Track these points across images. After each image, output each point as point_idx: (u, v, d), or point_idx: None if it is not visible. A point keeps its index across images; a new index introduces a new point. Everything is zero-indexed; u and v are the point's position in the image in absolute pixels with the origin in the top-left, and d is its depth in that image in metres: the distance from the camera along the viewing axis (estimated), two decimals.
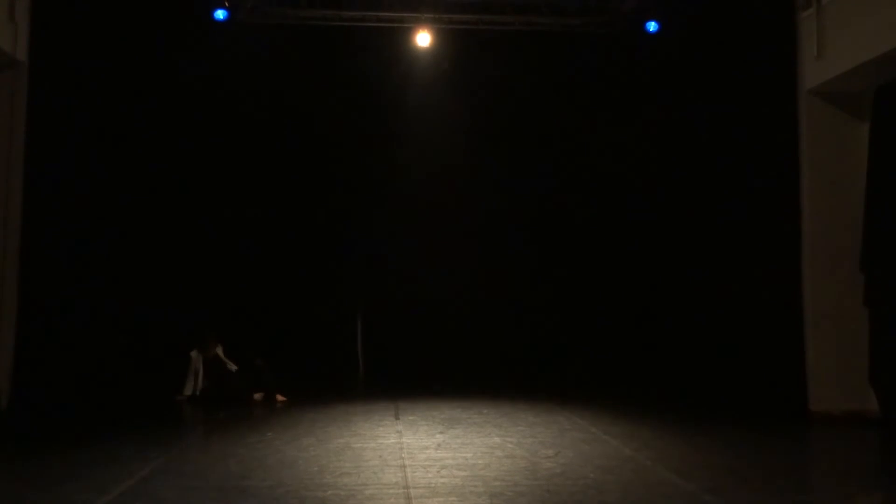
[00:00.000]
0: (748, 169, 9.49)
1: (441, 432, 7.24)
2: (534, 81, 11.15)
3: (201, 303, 10.33)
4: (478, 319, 11.10)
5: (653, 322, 10.89)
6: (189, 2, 9.98)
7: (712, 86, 9.95)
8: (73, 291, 9.18)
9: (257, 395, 9.45)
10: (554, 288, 11.31)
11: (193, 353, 9.69)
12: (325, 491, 5.15)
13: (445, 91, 10.98)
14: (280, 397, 9.41)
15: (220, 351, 9.75)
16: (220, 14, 10.00)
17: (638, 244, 11.13)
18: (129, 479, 5.44)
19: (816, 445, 7.37)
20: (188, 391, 9.58)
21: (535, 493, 5.08)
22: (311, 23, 10.38)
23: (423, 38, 10.49)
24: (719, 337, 9.75)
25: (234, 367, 9.66)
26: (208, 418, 8.71)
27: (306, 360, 10.64)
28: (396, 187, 11.21)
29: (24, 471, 5.76)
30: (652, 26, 10.42)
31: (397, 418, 8.06)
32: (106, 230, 9.73)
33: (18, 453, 6.44)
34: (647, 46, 10.63)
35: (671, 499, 5.01)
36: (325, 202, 11.13)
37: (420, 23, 10.43)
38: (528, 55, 10.93)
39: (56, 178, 9.00)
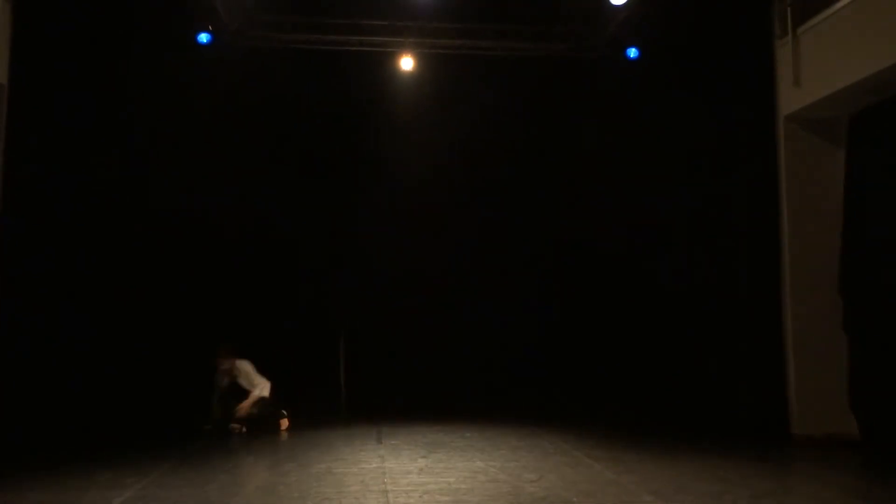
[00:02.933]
0: (728, 193, 9.60)
1: (423, 457, 7.18)
2: (516, 104, 11.24)
3: (180, 326, 10.22)
4: (460, 341, 11.07)
5: (634, 346, 10.91)
6: (172, 25, 9.97)
7: (692, 111, 10.08)
8: (49, 314, 9.03)
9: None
10: (536, 313, 11.31)
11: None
12: None
13: (429, 114, 11.04)
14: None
15: (240, 365, 8.72)
16: (203, 37, 10.01)
17: (617, 268, 11.18)
18: None
19: (798, 469, 7.39)
20: (216, 415, 8.57)
21: None
22: (295, 46, 10.43)
23: (407, 63, 10.60)
24: (701, 361, 9.79)
25: (258, 384, 8.69)
26: (187, 443, 8.58)
27: (287, 382, 10.53)
28: (379, 209, 11.21)
29: None
30: (633, 52, 10.58)
31: (379, 442, 7.99)
32: (85, 253, 9.61)
33: None
34: (628, 72, 10.77)
35: None
36: (307, 225, 11.10)
37: (403, 47, 10.53)
38: (511, 79, 11.02)
39: (36, 201, 8.92)
